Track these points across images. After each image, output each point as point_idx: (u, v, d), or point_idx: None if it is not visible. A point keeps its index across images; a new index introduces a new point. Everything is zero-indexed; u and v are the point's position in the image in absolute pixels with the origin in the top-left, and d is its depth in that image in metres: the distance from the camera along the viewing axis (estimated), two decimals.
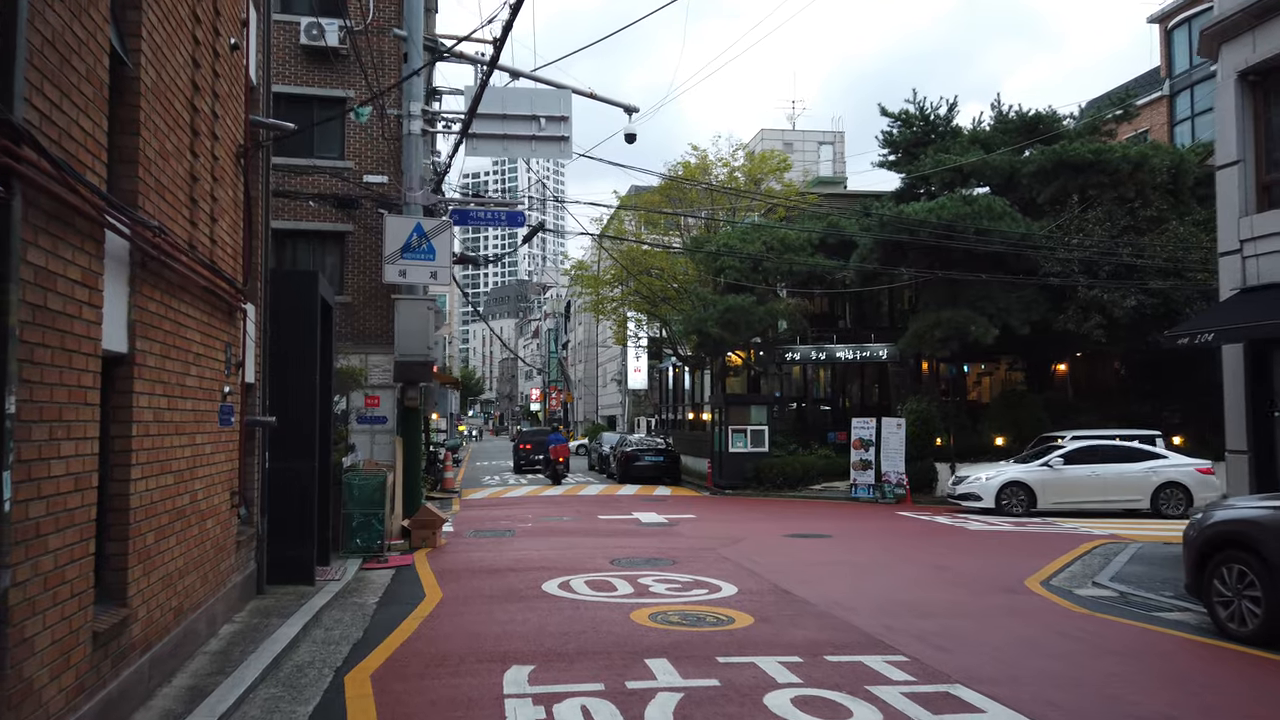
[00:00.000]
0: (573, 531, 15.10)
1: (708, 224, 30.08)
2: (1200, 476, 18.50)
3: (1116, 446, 19.67)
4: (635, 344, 37.55)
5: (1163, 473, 18.59)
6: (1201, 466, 18.82)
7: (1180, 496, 18.31)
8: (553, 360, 75.00)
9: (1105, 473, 18.75)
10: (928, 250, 21.96)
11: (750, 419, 24.59)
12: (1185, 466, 18.77)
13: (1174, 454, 19.30)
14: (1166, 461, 18.90)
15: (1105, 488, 18.75)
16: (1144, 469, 18.78)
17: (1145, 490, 18.54)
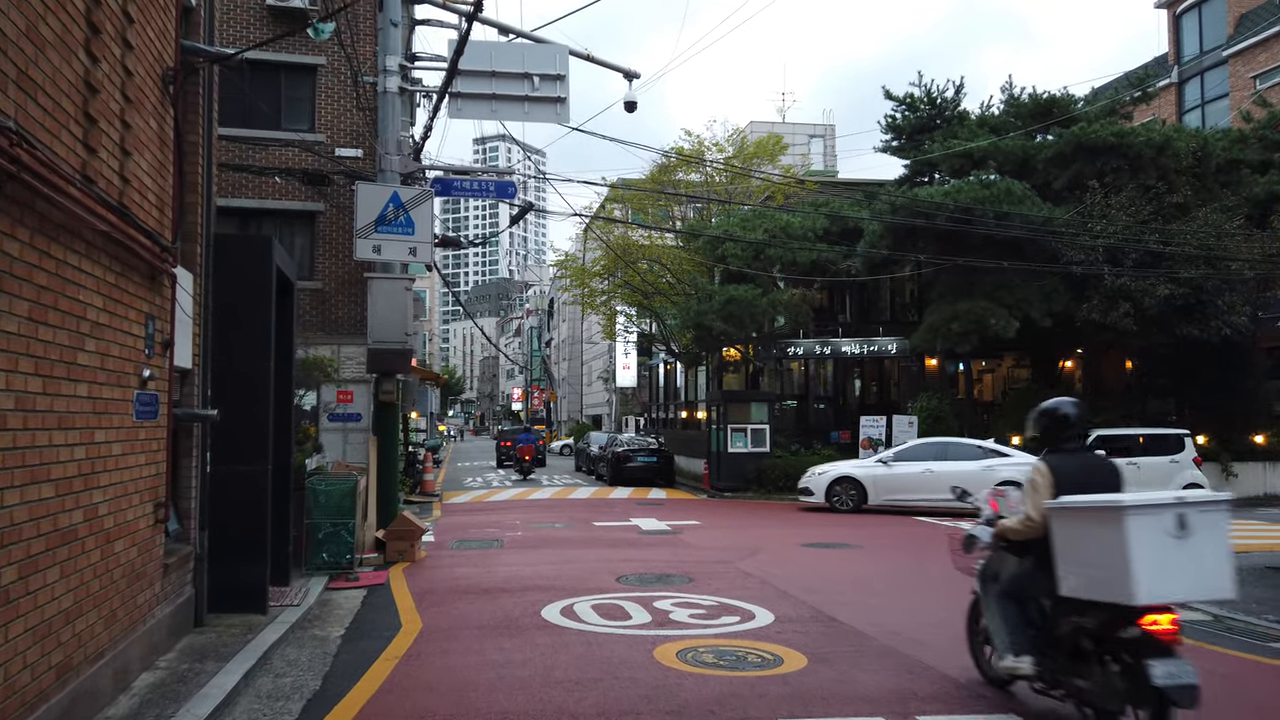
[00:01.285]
0: (568, 541, 13.54)
1: (702, 213, 28.61)
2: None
3: (955, 443, 18.98)
4: (624, 340, 35.99)
5: (1000, 471, 17.34)
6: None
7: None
8: (535, 358, 73.35)
9: (940, 470, 17.75)
10: (941, 236, 20.55)
11: (750, 417, 23.10)
12: (1025, 465, 17.60)
13: (1018, 452, 18.14)
14: (1006, 460, 17.78)
15: (940, 485, 17.36)
16: (981, 467, 17.63)
17: (981, 488, 17.40)
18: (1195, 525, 4.56)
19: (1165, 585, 4.48)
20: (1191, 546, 4.51)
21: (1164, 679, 4.38)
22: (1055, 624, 5.12)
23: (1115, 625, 4.65)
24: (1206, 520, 4.61)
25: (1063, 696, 5.10)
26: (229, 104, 17.40)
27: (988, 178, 20.59)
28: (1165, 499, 4.66)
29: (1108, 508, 4.64)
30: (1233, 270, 20.39)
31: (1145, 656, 4.47)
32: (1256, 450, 22.32)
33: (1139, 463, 19.89)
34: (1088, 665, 4.87)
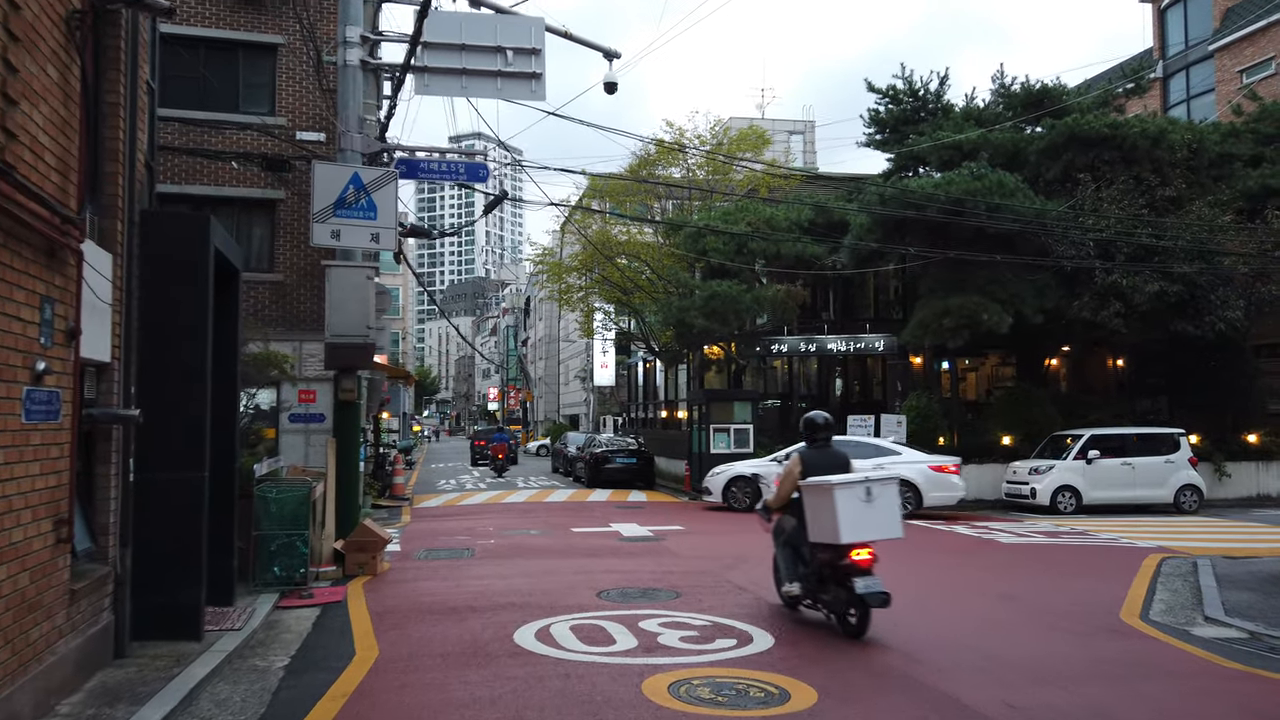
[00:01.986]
0: (544, 550, 12.65)
1: (682, 208, 27.80)
2: (933, 475, 17.13)
3: (850, 441, 18.55)
4: (602, 337, 35.11)
5: (891, 470, 16.91)
6: (937, 464, 17.21)
7: (909, 494, 16.84)
8: (511, 358, 72.31)
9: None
10: (931, 229, 19.84)
11: (733, 416, 22.30)
12: (918, 464, 17.27)
13: (911, 450, 17.78)
14: (898, 458, 17.44)
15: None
16: (871, 465, 17.13)
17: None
18: (877, 494, 7.13)
19: (860, 532, 7.01)
20: (875, 507, 7.09)
21: (863, 589, 6.95)
22: (811, 561, 7.57)
23: (838, 558, 7.14)
24: (884, 490, 7.23)
25: (816, 606, 7.72)
26: (183, 85, 16.45)
27: (979, 169, 19.90)
28: (857, 479, 7.22)
29: (826, 484, 7.11)
30: (1226, 264, 19.85)
31: (853, 576, 7.02)
32: (1250, 450, 21.81)
33: (1134, 463, 19.32)
34: (827, 585, 7.43)
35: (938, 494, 17.22)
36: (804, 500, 7.51)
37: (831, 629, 7.56)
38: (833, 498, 6.98)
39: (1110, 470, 19.17)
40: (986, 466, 21.06)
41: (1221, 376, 22.45)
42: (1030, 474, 19.39)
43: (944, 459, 17.90)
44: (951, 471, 17.46)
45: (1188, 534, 15.49)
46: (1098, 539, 14.69)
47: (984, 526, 16.23)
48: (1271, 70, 28.22)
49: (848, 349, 23.11)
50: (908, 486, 17.04)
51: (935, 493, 17.20)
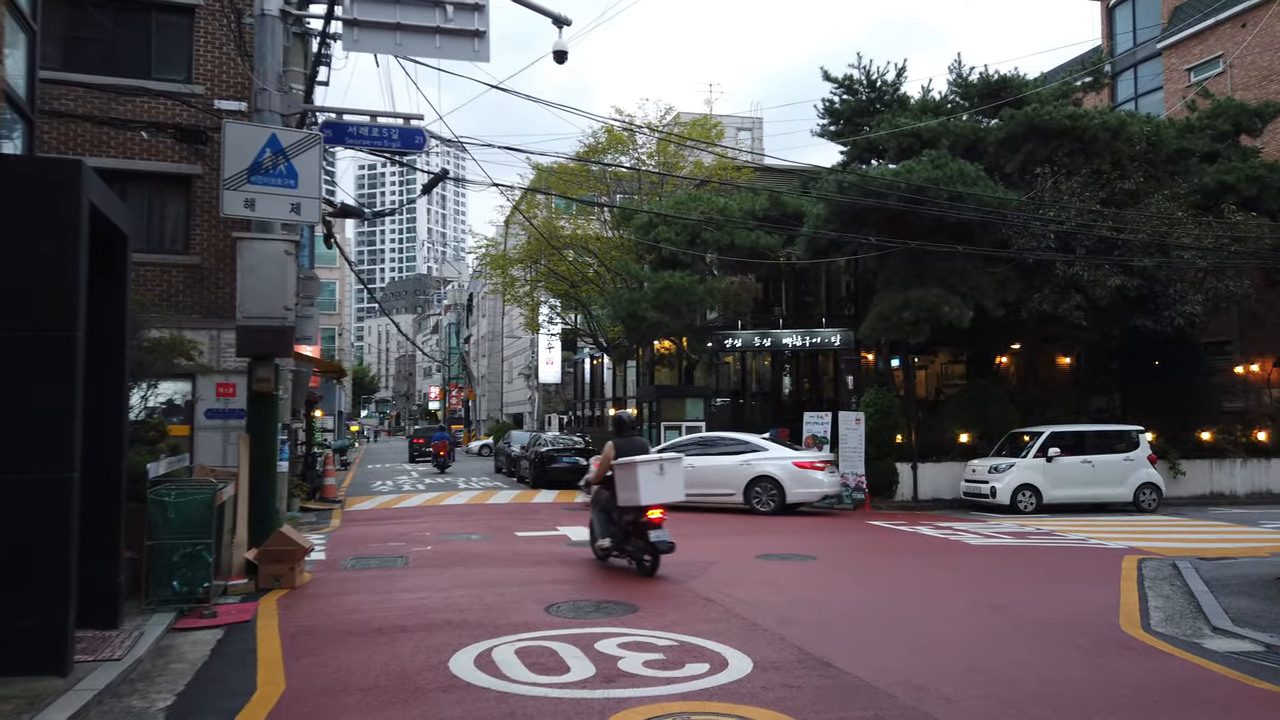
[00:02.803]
0: (486, 557, 11.55)
1: (632, 200, 26.83)
2: (797, 471, 16.98)
3: (722, 437, 18.69)
4: (548, 333, 33.95)
5: (757, 466, 16.98)
6: (801, 460, 16.94)
7: (773, 491, 16.95)
8: (453, 355, 70.60)
9: (702, 465, 17.29)
10: (891, 219, 19.15)
11: (685, 414, 21.43)
12: (781, 460, 16.98)
13: (778, 446, 17.49)
14: (764, 454, 17.36)
15: (703, 481, 17.07)
16: (738, 461, 17.15)
17: (739, 484, 17.11)
18: (668, 470, 9.74)
19: (655, 497, 9.58)
20: (666, 479, 9.68)
21: (656, 538, 9.58)
22: (619, 521, 10.04)
23: (639, 516, 9.68)
24: (673, 466, 9.88)
25: (622, 555, 10.21)
26: (89, 47, 14.95)
27: (940, 157, 19.28)
28: (654, 459, 9.83)
29: (633, 463, 9.63)
30: (1186, 259, 19.54)
31: (649, 530, 9.61)
32: (1204, 447, 21.60)
33: (1094, 461, 18.88)
34: (630, 538, 9.96)
35: (801, 490, 16.97)
36: (615, 475, 10.04)
37: (805, 658, 6.63)
38: (637, 472, 9.59)
39: (1070, 468, 18.71)
40: (944, 465, 20.49)
41: (1176, 373, 22.21)
42: (990, 472, 18.84)
43: (810, 455, 17.65)
44: (816, 468, 17.15)
45: (1153, 533, 15.01)
46: (1066, 539, 14.10)
47: (947, 527, 15.54)
48: (1220, 69, 28.28)
49: (803, 344, 22.36)
50: (771, 482, 16.94)
51: (798, 489, 16.95)
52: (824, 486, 17.23)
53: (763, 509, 16.99)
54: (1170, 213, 19.72)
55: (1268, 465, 21.78)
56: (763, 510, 16.99)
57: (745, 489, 17.18)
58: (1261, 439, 21.92)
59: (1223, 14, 28.32)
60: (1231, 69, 27.75)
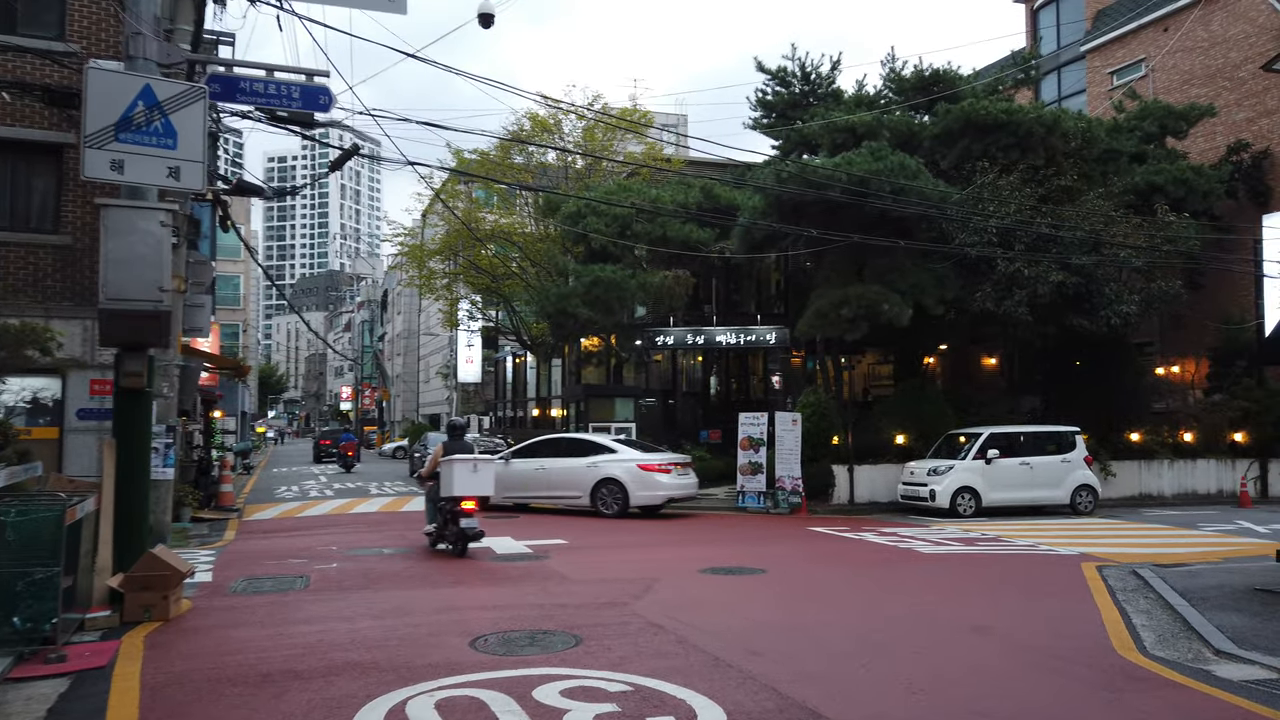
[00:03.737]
0: (400, 577, 10.25)
1: (560, 191, 25.62)
2: (640, 474, 16.74)
3: (574, 439, 18.53)
4: (468, 329, 32.44)
5: (603, 468, 16.80)
6: (646, 463, 16.71)
7: (618, 494, 16.72)
8: (367, 354, 68.07)
9: (552, 467, 17.38)
10: (831, 213, 18.41)
11: (614, 415, 20.37)
12: (628, 463, 16.77)
13: (628, 449, 17.28)
14: (612, 456, 17.15)
15: (551, 483, 17.08)
16: (585, 464, 16.98)
17: (585, 486, 17.01)
18: (481, 467, 11.64)
19: (466, 489, 11.47)
20: (479, 475, 11.57)
21: (465, 525, 11.42)
22: (443, 509, 11.84)
23: (454, 506, 11.55)
24: (485, 466, 11.73)
25: (445, 538, 11.90)
26: None
27: (879, 149, 18.64)
28: (469, 458, 11.70)
29: (453, 461, 11.57)
30: (1122, 257, 19.35)
31: (461, 518, 11.45)
32: (1133, 448, 21.50)
33: (1032, 463, 18.48)
34: (449, 525, 11.73)
35: (644, 493, 16.73)
36: (442, 471, 11.74)
37: (786, 704, 5.62)
38: (453, 468, 11.44)
39: (1009, 470, 18.28)
40: (881, 467, 19.89)
41: (1108, 374, 22.11)
42: (929, 475, 18.25)
43: (654, 458, 17.25)
44: (662, 471, 16.86)
45: (1098, 537, 14.59)
46: (1016, 546, 13.50)
47: (892, 533, 14.82)
48: (1142, 72, 28.57)
49: (737, 341, 21.50)
50: (617, 485, 16.72)
51: (641, 492, 16.71)
52: (668, 490, 16.88)
53: (607, 511, 16.75)
54: (1105, 211, 19.52)
55: (1193, 466, 21.82)
56: (607, 513, 16.75)
57: (591, 491, 16.95)
58: (1188, 440, 21.97)
59: (1145, 18, 28.62)
60: (1153, 72, 28.05)
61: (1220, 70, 26.06)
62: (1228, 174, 23.31)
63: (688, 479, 17.45)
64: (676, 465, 17.25)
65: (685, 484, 17.34)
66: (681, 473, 17.26)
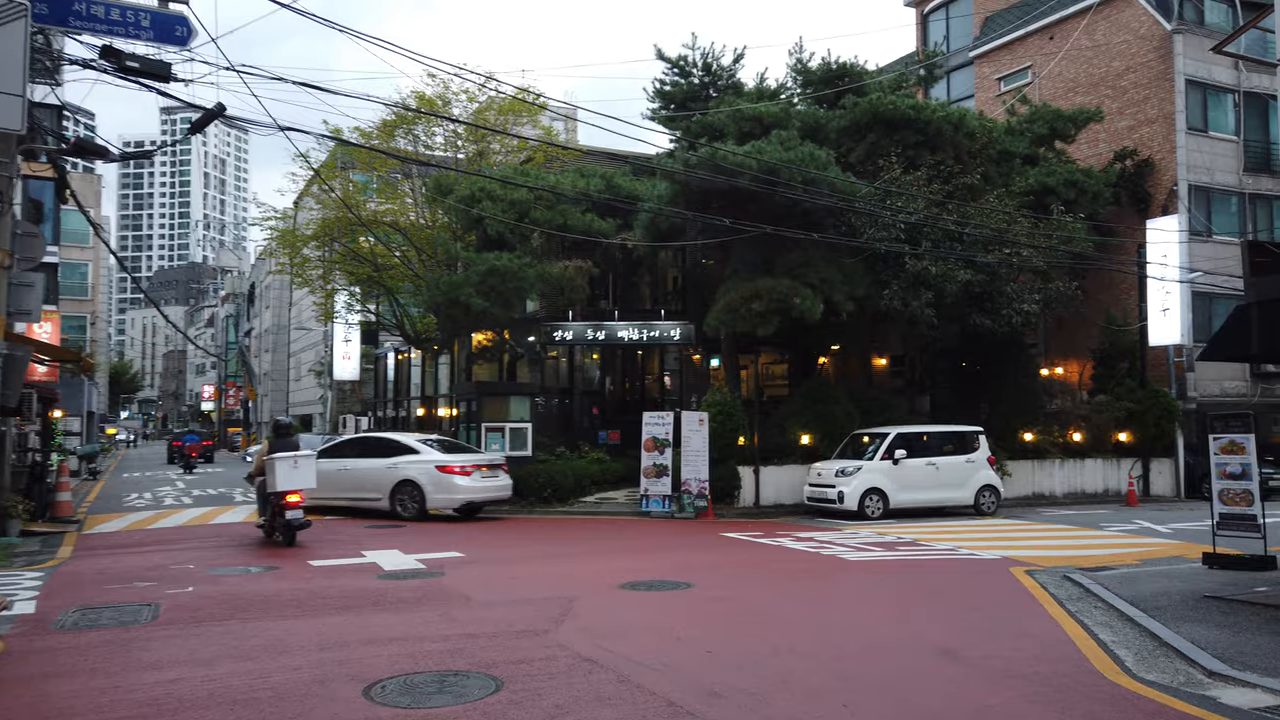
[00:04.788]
0: (272, 602, 8.74)
1: (449, 176, 24.04)
2: (438, 475, 16.37)
3: (379, 439, 18.09)
4: (346, 323, 30.34)
5: (402, 470, 16.52)
6: (444, 465, 16.53)
7: (416, 496, 16.33)
8: (231, 350, 63.97)
9: (354, 468, 16.87)
10: (740, 204, 17.65)
11: (509, 414, 19.04)
12: (425, 464, 16.50)
13: (431, 450, 16.97)
14: (412, 457, 16.70)
15: (354, 484, 16.65)
16: (385, 465, 16.65)
17: (385, 488, 16.59)
18: (302, 464, 12.61)
19: (289, 484, 12.38)
20: (300, 471, 12.52)
21: (290, 517, 12.46)
22: (271, 503, 12.66)
23: (280, 499, 12.42)
24: (306, 462, 12.77)
25: (275, 530, 12.73)
26: None
27: (790, 138, 18.00)
28: (291, 456, 12.63)
29: (276, 459, 12.44)
30: (1025, 255, 19.35)
31: (287, 511, 12.42)
32: (1027, 448, 21.61)
33: (938, 463, 18.20)
34: (276, 518, 12.60)
35: (440, 496, 16.27)
36: (266, 468, 12.56)
37: None
38: (275, 465, 12.28)
39: (916, 471, 17.94)
40: (786, 468, 19.26)
41: (1004, 373, 22.22)
42: (837, 476, 17.70)
43: (456, 459, 16.66)
44: (462, 472, 16.33)
45: (1013, 540, 14.29)
46: (936, 550, 12.99)
47: (809, 538, 14.11)
48: (1029, 79, 29.14)
49: (640, 337, 20.49)
50: (414, 487, 16.26)
51: (438, 495, 16.27)
52: (467, 493, 16.33)
53: (405, 514, 16.26)
54: (1007, 209, 19.50)
55: (1082, 465, 22.13)
56: (405, 515, 16.23)
57: (390, 493, 16.45)
58: (1077, 439, 22.26)
59: (1031, 25, 29.23)
60: (1040, 80, 28.64)
61: (1103, 79, 26.76)
62: (1115, 177, 23.84)
63: (495, 481, 16.83)
64: (481, 467, 16.65)
65: (491, 487, 16.73)
66: (487, 475, 16.66)
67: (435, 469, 16.27)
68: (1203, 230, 24.18)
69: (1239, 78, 25.37)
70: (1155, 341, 22.82)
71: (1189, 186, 24.34)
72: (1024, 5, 29.99)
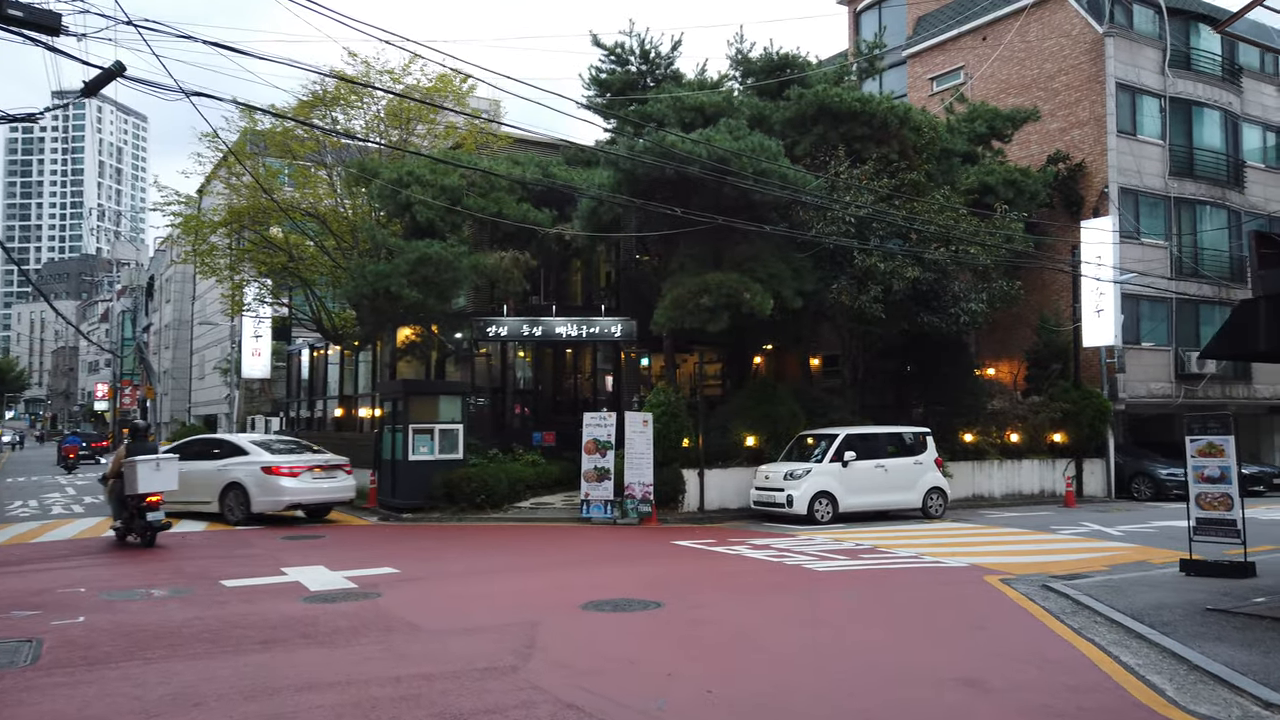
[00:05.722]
0: (182, 635, 7.46)
1: (374, 160, 22.61)
2: (263, 477, 15.94)
3: (210, 440, 17.99)
4: (256, 318, 28.45)
5: (230, 471, 16.25)
6: (271, 466, 16.10)
7: (243, 499, 15.97)
8: (128, 347, 60.36)
9: (189, 470, 16.02)
10: (686, 195, 16.77)
11: (439, 415, 17.78)
12: (252, 465, 16.16)
13: (260, 450, 16.66)
14: (242, 459, 16.40)
15: (189, 487, 15.91)
16: (216, 467, 16.37)
17: (215, 491, 16.33)
18: (163, 465, 12.86)
19: (151, 486, 12.54)
20: (162, 473, 12.70)
21: (152, 518, 12.64)
22: (130, 505, 12.73)
23: (140, 501, 12.55)
24: (168, 464, 13.01)
25: (134, 531, 12.85)
26: None
27: (738, 126, 17.26)
28: (152, 458, 12.82)
29: (136, 461, 12.45)
30: (972, 253, 19.04)
31: (149, 512, 12.61)
32: (968, 449, 21.37)
33: (887, 465, 17.70)
34: (135, 520, 12.75)
35: (265, 498, 15.86)
36: (125, 471, 12.68)
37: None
38: (136, 467, 12.38)
39: (866, 474, 17.41)
40: (731, 471, 18.52)
41: (947, 373, 21.95)
42: (786, 479, 17.02)
43: (286, 460, 16.21)
44: (287, 474, 15.90)
45: (973, 545, 13.85)
46: (900, 557, 12.40)
47: (766, 546, 13.37)
48: (961, 79, 29.13)
49: (580, 334, 19.46)
50: (240, 489, 15.93)
51: (262, 497, 15.85)
52: (294, 495, 15.89)
53: (232, 518, 15.94)
54: (954, 206, 19.17)
55: (1019, 466, 22.03)
56: (232, 519, 15.90)
57: (220, 496, 16.12)
58: (1015, 440, 22.14)
59: (964, 26, 29.23)
60: (972, 80, 28.64)
61: (1036, 80, 26.86)
62: (1053, 177, 23.87)
63: (332, 483, 16.38)
64: (314, 468, 16.21)
65: (326, 488, 16.28)
66: (320, 476, 16.21)
67: (260, 470, 15.80)
68: (1133, 232, 24.40)
69: (1165, 82, 25.73)
70: (1090, 343, 22.88)
71: (1119, 189, 24.56)
72: (957, 5, 30.00)
